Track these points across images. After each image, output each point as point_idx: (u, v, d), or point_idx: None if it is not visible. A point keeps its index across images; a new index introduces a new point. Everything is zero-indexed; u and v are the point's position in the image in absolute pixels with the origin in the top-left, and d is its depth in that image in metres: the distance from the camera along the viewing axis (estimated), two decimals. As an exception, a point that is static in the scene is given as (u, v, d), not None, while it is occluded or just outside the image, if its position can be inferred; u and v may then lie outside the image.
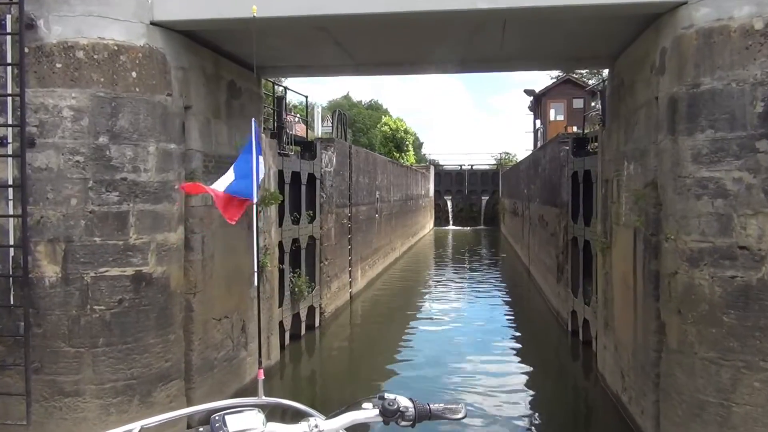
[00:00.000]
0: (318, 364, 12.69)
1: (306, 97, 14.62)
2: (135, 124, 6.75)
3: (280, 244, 11.83)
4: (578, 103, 29.66)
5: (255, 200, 6.64)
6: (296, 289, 12.49)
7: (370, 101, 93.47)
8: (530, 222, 22.52)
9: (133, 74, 6.74)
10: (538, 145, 27.12)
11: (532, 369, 11.57)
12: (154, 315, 6.94)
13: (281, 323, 11.89)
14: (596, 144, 11.92)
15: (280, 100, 12.63)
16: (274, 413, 1.99)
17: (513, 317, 16.14)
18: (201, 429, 1.79)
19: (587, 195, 12.18)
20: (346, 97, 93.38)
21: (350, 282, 17.49)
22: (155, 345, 6.97)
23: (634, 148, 7.83)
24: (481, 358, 12.36)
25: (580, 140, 13.16)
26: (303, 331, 13.21)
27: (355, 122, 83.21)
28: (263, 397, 2.21)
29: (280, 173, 11.71)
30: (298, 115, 40.48)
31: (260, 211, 10.04)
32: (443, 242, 40.26)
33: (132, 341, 6.77)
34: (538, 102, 29.83)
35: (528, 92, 29.63)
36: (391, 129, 48.00)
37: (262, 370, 3.44)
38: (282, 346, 11.97)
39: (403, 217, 30.16)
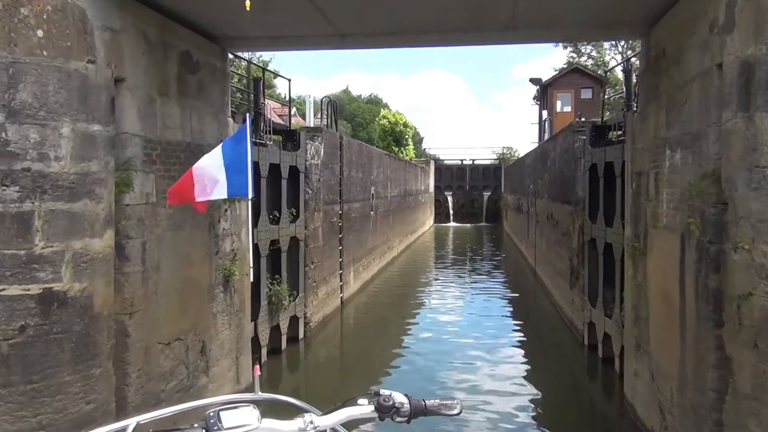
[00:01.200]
0: (300, 383, 11.14)
1: (289, 80, 13.06)
2: (42, 98, 5.19)
3: (255, 248, 10.27)
4: (586, 94, 28.15)
5: (250, 196, 6.75)
6: (274, 299, 10.94)
7: (370, 95, 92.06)
8: (537, 220, 20.95)
9: (39, 33, 5.16)
10: (544, 137, 25.54)
11: (544, 390, 10.03)
12: (70, 345, 5.39)
13: (256, 338, 10.34)
14: (620, 132, 10.35)
15: (258, 81, 11.05)
16: (269, 409, 1.90)
17: (520, 327, 14.59)
18: (196, 425, 1.73)
19: (609, 191, 10.61)
20: (346, 92, 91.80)
21: (341, 286, 15.94)
22: (72, 383, 5.41)
23: (681, 133, 6.26)
24: (485, 375, 10.84)
25: (599, 128, 11.57)
26: (284, 345, 11.66)
27: (355, 117, 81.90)
28: (259, 393, 2.05)
29: (255, 165, 10.12)
30: (294, 108, 38.78)
31: (226, 210, 8.49)
32: (444, 240, 38.70)
33: (39, 380, 5.22)
34: (544, 92, 28.21)
35: (534, 81, 27.97)
36: (389, 122, 46.25)
37: (258, 366, 2.80)
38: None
39: (401, 214, 28.59)
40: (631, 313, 8.25)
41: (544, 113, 27.10)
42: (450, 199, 50.15)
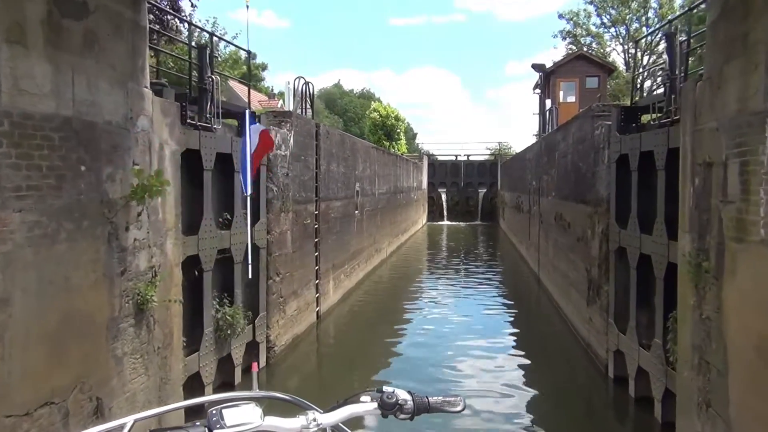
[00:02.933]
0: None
1: (249, 52, 10.77)
2: None
3: (194, 261, 8.03)
4: (592, 83, 26.06)
5: (248, 192, 7.40)
6: (223, 323, 8.70)
7: (362, 90, 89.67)
8: (541, 221, 18.77)
9: None
10: (547, 129, 23.34)
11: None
12: None
13: (197, 375, 8.11)
14: (660, 114, 8.17)
15: (203, 49, 8.79)
16: (268, 407, 1.78)
17: (524, 346, 12.37)
18: (198, 423, 1.66)
19: (646, 188, 8.43)
20: (337, 86, 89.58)
21: (317, 298, 13.71)
22: None
23: (803, 99, 4.06)
24: (484, 410, 8.71)
25: (629, 111, 9.37)
26: (238, 379, 9.39)
27: (347, 111, 79.80)
28: (259, 391, 2.00)
29: (191, 155, 7.90)
30: (281, 101, 36.25)
31: (140, 213, 6.24)
32: (437, 240, 36.51)
33: None
34: (547, 81, 26.02)
35: (536, 67, 25.70)
36: (380, 115, 43.96)
37: (256, 363, 2.53)
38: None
39: (391, 212, 26.37)
40: (691, 355, 6.06)
41: (548, 102, 24.90)
42: (444, 196, 48.05)
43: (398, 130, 44.84)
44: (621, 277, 9.31)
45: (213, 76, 8.81)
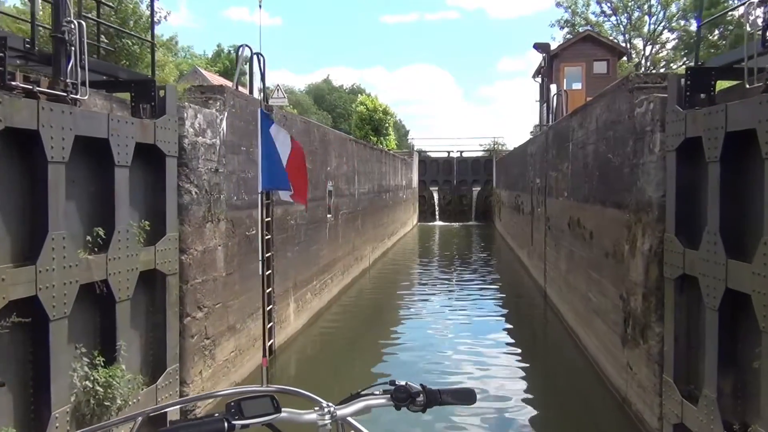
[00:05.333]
0: None
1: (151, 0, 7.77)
2: None
3: (32, 306, 5.04)
4: (600, 68, 23.20)
5: (259, 189, 7.61)
6: (91, 396, 5.73)
7: (353, 86, 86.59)
8: (548, 225, 15.86)
9: None
10: (551, 118, 20.45)
11: None
12: None
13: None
14: (742, 80, 5.26)
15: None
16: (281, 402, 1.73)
17: (537, 392, 9.47)
18: (216, 414, 1.66)
19: (736, 189, 5.52)
20: (326, 81, 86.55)
21: (270, 329, 10.73)
22: None
23: None
24: None
25: (697, 74, 6.41)
26: (128, 469, 6.45)
27: (336, 107, 76.80)
28: (270, 386, 2.05)
29: (32, 137, 4.94)
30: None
31: None
32: (428, 244, 33.58)
33: None
34: (550, 65, 23.08)
35: (539, 48, 22.68)
36: (368, 109, 40.96)
37: (266, 359, 2.77)
38: None
39: (374, 214, 23.43)
40: None
41: (553, 87, 21.98)
42: (436, 195, 45.24)
43: (387, 125, 41.89)
44: (685, 317, 6.40)
45: (78, 21, 5.83)
